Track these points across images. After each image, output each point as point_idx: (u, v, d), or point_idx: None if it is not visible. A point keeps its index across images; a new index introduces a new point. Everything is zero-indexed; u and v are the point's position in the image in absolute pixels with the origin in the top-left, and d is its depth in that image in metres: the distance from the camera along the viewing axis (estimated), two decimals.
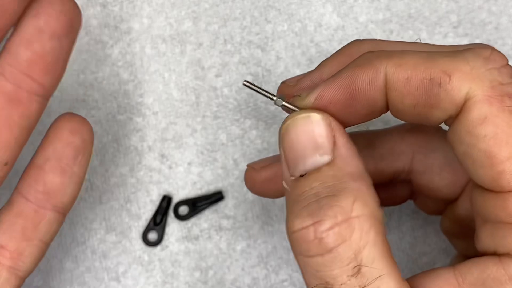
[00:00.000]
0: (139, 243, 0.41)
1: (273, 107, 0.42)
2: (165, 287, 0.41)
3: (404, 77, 0.26)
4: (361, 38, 0.43)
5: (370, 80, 0.27)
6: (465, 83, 0.25)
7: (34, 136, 0.42)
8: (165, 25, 0.43)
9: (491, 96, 0.25)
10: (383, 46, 0.31)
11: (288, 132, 0.28)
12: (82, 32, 0.42)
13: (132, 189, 0.42)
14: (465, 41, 0.43)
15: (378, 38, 0.43)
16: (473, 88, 0.25)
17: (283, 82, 0.34)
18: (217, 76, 0.42)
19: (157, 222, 0.41)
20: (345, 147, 0.27)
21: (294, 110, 0.29)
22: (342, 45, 0.43)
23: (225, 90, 0.42)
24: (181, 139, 0.42)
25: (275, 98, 0.30)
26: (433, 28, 0.43)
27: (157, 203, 0.42)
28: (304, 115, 0.28)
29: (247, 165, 0.35)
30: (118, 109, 0.42)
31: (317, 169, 0.27)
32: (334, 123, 0.28)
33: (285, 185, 0.28)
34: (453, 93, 0.25)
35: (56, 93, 0.42)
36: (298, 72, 0.43)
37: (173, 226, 0.42)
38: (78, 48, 0.42)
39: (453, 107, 0.26)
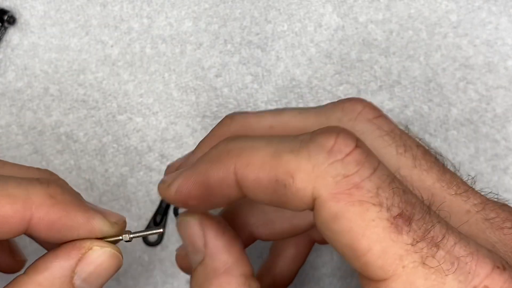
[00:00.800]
0: (139, 243, 0.41)
1: (273, 107, 0.42)
2: (165, 287, 0.41)
3: (252, 178, 0.26)
4: (361, 40, 0.43)
5: (222, 178, 0.27)
6: (308, 184, 0.24)
7: (34, 136, 0.42)
8: (165, 25, 0.43)
9: (337, 193, 0.24)
10: (252, 123, 0.31)
11: (179, 232, 0.30)
12: (82, 32, 0.42)
13: (132, 189, 0.42)
14: (465, 41, 0.43)
15: (379, 38, 0.43)
16: (316, 187, 0.24)
17: (168, 166, 0.35)
18: (217, 76, 0.42)
19: (157, 222, 0.41)
20: (213, 244, 0.28)
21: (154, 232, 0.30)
22: (342, 45, 0.43)
23: (225, 90, 0.42)
24: (181, 139, 0.42)
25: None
26: (433, 28, 0.43)
27: (157, 203, 0.42)
28: (182, 218, 0.29)
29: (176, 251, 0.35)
30: (118, 109, 0.42)
31: (195, 268, 0.28)
32: (205, 221, 0.29)
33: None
34: (299, 195, 0.25)
35: (56, 93, 0.42)
36: (298, 72, 0.43)
37: (173, 226, 0.42)
38: (78, 48, 0.42)
39: (304, 206, 0.25)
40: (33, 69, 0.42)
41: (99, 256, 0.28)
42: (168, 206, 0.41)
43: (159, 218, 0.41)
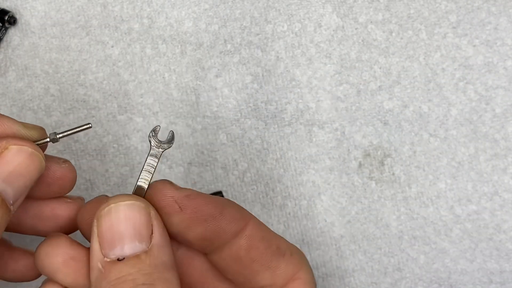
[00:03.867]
0: None
1: (273, 107, 0.42)
2: None
3: None
4: (360, 40, 0.43)
5: None
6: None
7: None
8: (165, 26, 0.43)
9: None
10: None
11: (110, 214, 0.29)
12: (82, 33, 0.43)
13: (132, 189, 0.42)
14: (464, 42, 0.43)
15: (378, 38, 0.43)
16: None
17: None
18: (217, 76, 0.43)
19: None
20: (161, 236, 0.29)
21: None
22: (342, 45, 0.43)
23: (225, 90, 0.42)
24: (181, 139, 0.42)
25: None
26: (433, 29, 0.43)
27: None
28: (128, 202, 0.29)
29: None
30: (118, 109, 0.42)
31: (136, 256, 0.28)
32: (153, 213, 0.29)
33: (99, 265, 0.28)
34: None
35: (56, 93, 0.42)
36: (298, 72, 0.43)
37: None
38: (78, 48, 0.42)
39: None
40: (33, 69, 0.42)
41: (16, 154, 0.27)
42: None
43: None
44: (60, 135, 0.29)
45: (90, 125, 0.29)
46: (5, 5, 0.43)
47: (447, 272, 0.42)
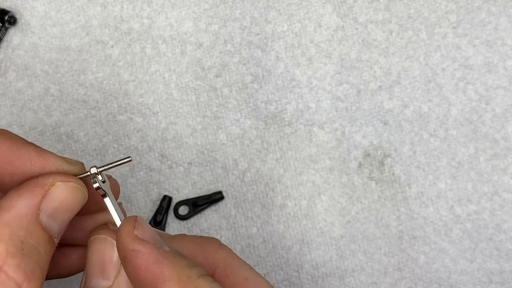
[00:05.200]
0: None
1: (273, 107, 0.42)
2: None
3: None
4: (360, 40, 0.43)
5: None
6: None
7: (34, 136, 0.42)
8: (165, 26, 0.43)
9: None
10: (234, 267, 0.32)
11: (89, 247, 0.29)
12: (82, 33, 0.43)
13: (132, 189, 0.42)
14: (464, 42, 0.43)
15: (378, 38, 0.43)
16: None
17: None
18: (217, 76, 0.43)
19: (158, 221, 0.41)
20: (126, 277, 0.28)
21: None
22: (342, 45, 0.43)
23: (225, 90, 0.42)
24: (181, 139, 0.42)
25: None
26: (433, 29, 0.43)
27: (158, 203, 0.42)
28: (102, 236, 0.29)
29: None
30: (118, 109, 0.42)
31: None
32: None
33: None
34: None
35: (56, 93, 0.42)
36: (298, 72, 0.43)
37: (173, 225, 0.42)
38: (78, 48, 0.43)
39: None
40: (33, 69, 0.42)
41: (62, 191, 0.28)
42: (168, 206, 0.42)
43: (159, 218, 0.41)
44: (101, 169, 0.29)
45: (130, 158, 0.29)
46: (5, 5, 0.43)
47: (447, 272, 0.42)
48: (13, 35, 0.42)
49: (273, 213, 0.42)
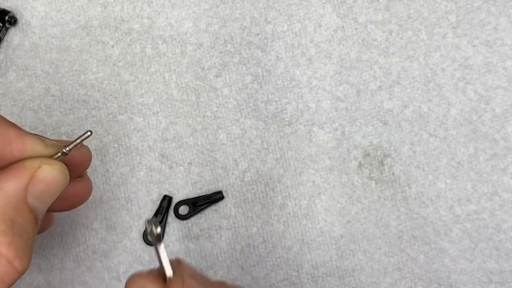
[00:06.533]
0: (139, 243, 0.42)
1: (273, 107, 0.42)
2: None
3: None
4: (360, 40, 0.43)
5: None
6: None
7: None
8: (165, 26, 0.43)
9: None
10: None
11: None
12: (83, 33, 0.43)
13: (132, 189, 0.42)
14: (464, 42, 0.43)
15: (378, 38, 0.43)
16: None
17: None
18: (217, 76, 0.43)
19: (158, 222, 0.41)
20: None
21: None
22: (341, 46, 0.43)
23: (225, 90, 0.43)
24: (182, 139, 0.42)
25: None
26: (432, 29, 0.43)
27: (158, 202, 0.42)
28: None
29: None
30: (118, 109, 0.42)
31: None
32: None
33: None
34: None
35: (57, 93, 0.42)
36: (298, 72, 0.43)
37: (173, 225, 0.42)
38: (79, 48, 0.43)
39: None
40: (34, 69, 0.42)
41: (48, 173, 0.29)
42: (168, 205, 0.42)
43: (159, 218, 0.41)
44: (68, 149, 0.30)
45: (90, 132, 0.30)
46: (6, 5, 0.43)
47: (447, 272, 0.42)
48: (14, 35, 0.43)
49: (273, 213, 0.42)
